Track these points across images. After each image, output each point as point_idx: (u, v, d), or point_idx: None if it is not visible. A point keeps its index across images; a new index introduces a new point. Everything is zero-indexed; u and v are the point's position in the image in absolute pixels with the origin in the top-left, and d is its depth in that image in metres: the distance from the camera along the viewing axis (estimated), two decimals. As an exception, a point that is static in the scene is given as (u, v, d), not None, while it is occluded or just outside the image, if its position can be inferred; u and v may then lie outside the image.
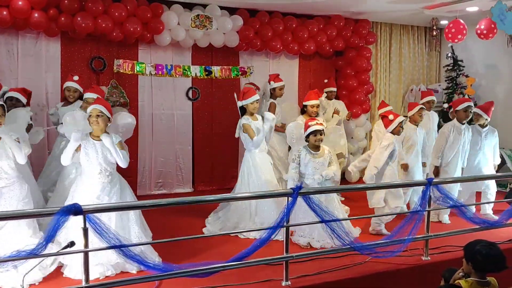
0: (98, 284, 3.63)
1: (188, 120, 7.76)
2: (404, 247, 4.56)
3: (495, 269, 3.25)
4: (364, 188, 5.78)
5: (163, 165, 7.61)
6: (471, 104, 6.13)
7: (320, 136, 5.12)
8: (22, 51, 6.62)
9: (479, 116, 6.25)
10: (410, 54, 9.66)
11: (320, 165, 5.14)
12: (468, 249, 3.34)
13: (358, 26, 8.49)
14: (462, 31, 7.20)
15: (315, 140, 5.12)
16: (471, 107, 6.12)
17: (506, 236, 5.36)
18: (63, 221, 3.21)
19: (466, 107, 6.06)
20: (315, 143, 5.13)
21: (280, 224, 3.95)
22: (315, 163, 5.12)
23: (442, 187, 4.82)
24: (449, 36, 7.31)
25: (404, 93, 9.65)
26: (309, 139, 5.17)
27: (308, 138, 5.17)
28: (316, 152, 5.16)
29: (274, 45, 7.81)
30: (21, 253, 3.15)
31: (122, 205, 4.04)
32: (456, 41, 7.33)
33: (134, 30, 6.60)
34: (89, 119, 4.28)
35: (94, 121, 4.24)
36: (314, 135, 5.11)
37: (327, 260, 4.56)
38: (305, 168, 5.15)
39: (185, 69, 7.61)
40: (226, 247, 5.02)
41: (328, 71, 8.92)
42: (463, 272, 3.35)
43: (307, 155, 5.14)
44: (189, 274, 3.72)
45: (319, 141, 5.13)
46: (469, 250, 3.32)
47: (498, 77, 8.84)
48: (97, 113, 4.24)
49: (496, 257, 3.23)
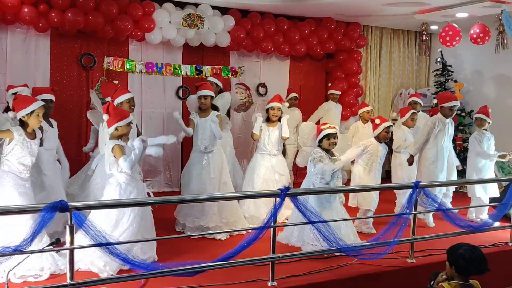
0: (83, 282, 3.60)
1: (178, 119, 7.72)
2: (390, 250, 4.59)
3: (478, 272, 3.28)
4: (352, 190, 5.80)
5: (151, 164, 7.58)
6: (457, 103, 6.12)
7: (334, 140, 5.02)
8: (11, 46, 6.57)
9: (483, 121, 6.31)
10: (400, 58, 9.74)
11: (337, 171, 5.08)
12: (451, 252, 3.37)
13: (349, 29, 8.53)
14: (457, 36, 7.25)
15: (329, 144, 5.02)
16: (457, 105, 6.13)
17: (491, 240, 5.41)
18: (49, 218, 3.19)
19: (452, 106, 6.04)
20: (329, 147, 5.03)
21: (267, 225, 3.96)
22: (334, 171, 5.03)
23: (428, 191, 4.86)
24: (443, 40, 7.35)
25: (393, 96, 9.73)
26: (322, 143, 5.05)
27: (321, 142, 5.06)
28: (333, 156, 5.10)
29: (265, 46, 7.82)
30: (5, 249, 3.12)
31: (108, 203, 4.02)
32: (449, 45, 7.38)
33: (125, 27, 6.58)
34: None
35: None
36: (328, 139, 5.01)
37: (314, 261, 4.56)
38: (323, 173, 5.01)
39: (175, 68, 7.60)
40: (213, 247, 5.02)
41: (319, 73, 8.97)
42: (446, 275, 3.38)
43: (327, 158, 5.01)
44: (175, 273, 3.71)
45: (333, 144, 5.04)
46: (452, 254, 3.35)
47: (486, 82, 8.94)
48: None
49: (479, 260, 3.27)
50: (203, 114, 5.61)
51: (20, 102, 4.17)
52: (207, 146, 5.58)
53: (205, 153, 5.58)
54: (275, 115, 6.01)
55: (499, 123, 8.10)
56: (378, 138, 5.58)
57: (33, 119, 4.15)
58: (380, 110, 9.57)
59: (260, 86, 8.40)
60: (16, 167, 4.12)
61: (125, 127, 4.37)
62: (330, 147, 5.05)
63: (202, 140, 5.58)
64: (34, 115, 4.14)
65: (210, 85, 5.78)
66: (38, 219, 3.16)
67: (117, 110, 4.45)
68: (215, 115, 5.58)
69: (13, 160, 4.10)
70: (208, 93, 5.57)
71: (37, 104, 4.18)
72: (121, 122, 4.32)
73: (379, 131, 5.54)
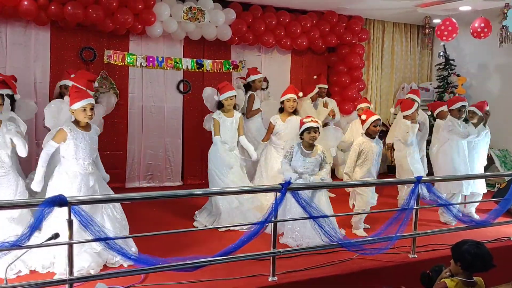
0: (82, 277, 3.60)
1: (179, 113, 7.71)
2: (392, 245, 4.56)
3: (483, 268, 3.26)
4: (353, 185, 5.76)
5: (152, 158, 7.56)
6: (465, 103, 6.14)
7: (315, 134, 4.99)
8: (11, 40, 6.53)
9: (474, 114, 6.24)
10: (402, 52, 9.68)
11: (310, 164, 5.03)
12: (456, 249, 3.34)
13: (351, 22, 8.47)
14: (454, 30, 7.21)
15: (310, 138, 4.99)
16: (465, 106, 6.13)
17: (493, 235, 5.39)
18: (48, 213, 3.17)
19: (460, 107, 6.06)
20: (309, 141, 5.01)
21: (268, 220, 3.93)
22: (306, 162, 5.02)
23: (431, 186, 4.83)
24: (439, 34, 7.32)
25: (395, 91, 9.68)
26: (303, 137, 5.05)
27: (303, 135, 5.06)
28: (309, 151, 5.05)
29: (266, 40, 7.77)
30: (3, 244, 3.10)
31: (108, 197, 3.99)
32: (446, 40, 7.35)
33: (125, 21, 6.53)
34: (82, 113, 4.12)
35: (89, 116, 4.16)
36: (308, 132, 4.98)
37: (314, 256, 4.54)
38: (294, 162, 5.06)
39: (176, 62, 7.56)
40: (213, 242, 5.00)
41: (321, 67, 8.92)
42: (450, 272, 3.35)
43: (298, 152, 5.05)
44: (176, 268, 3.69)
45: (313, 139, 5.01)
46: (458, 250, 3.32)
47: (489, 77, 8.88)
48: (91, 107, 4.16)
49: (484, 256, 3.24)
50: (228, 114, 5.62)
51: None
52: (231, 147, 5.61)
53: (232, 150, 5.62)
54: (291, 107, 5.92)
55: (503, 117, 8.08)
56: (368, 134, 5.45)
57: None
58: (382, 104, 9.53)
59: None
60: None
61: (79, 111, 4.10)
62: (310, 141, 5.02)
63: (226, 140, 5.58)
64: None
65: (232, 85, 5.82)
66: (37, 213, 3.14)
67: (76, 91, 4.22)
68: (238, 117, 5.67)
69: None
70: (234, 93, 5.62)
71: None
72: (74, 105, 4.10)
73: (367, 127, 5.41)
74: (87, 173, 4.16)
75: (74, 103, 4.09)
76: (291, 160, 5.08)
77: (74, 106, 4.09)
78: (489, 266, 3.25)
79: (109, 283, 3.63)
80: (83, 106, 4.09)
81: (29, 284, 3.41)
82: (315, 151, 5.08)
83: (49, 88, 6.66)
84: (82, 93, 4.18)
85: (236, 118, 5.65)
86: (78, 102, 4.08)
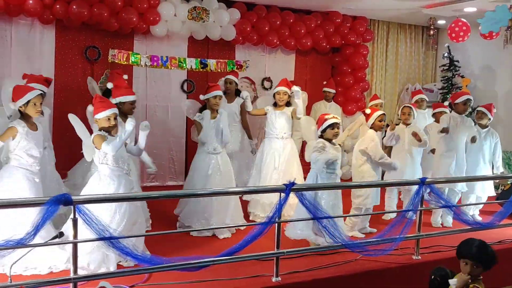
0: (86, 276, 3.60)
1: (182, 112, 7.66)
2: (395, 246, 4.55)
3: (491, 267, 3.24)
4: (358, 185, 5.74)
5: (156, 157, 7.51)
6: (470, 97, 6.12)
7: (338, 130, 4.95)
8: (16, 38, 6.55)
9: (483, 114, 6.22)
10: (407, 53, 9.67)
11: (339, 160, 5.00)
12: (481, 253, 3.20)
13: (356, 23, 8.46)
14: (466, 31, 7.17)
15: (333, 134, 4.91)
16: (470, 100, 6.10)
17: (497, 237, 5.37)
18: (53, 211, 3.17)
19: (465, 100, 6.04)
20: (332, 137, 4.94)
21: (271, 220, 3.93)
22: (337, 160, 4.94)
23: (435, 187, 4.82)
24: (451, 34, 7.26)
25: (399, 91, 9.67)
26: (325, 133, 4.94)
27: (325, 132, 4.95)
28: (335, 146, 5.01)
29: (270, 40, 7.77)
30: (8, 243, 3.11)
31: (113, 197, 3.99)
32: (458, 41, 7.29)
33: (129, 20, 6.54)
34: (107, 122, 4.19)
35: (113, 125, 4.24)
36: (332, 128, 4.90)
37: (318, 257, 4.54)
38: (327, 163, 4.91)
39: (180, 61, 7.56)
40: (217, 242, 5.01)
41: (325, 67, 8.91)
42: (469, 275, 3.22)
43: (329, 147, 4.91)
44: (179, 267, 3.69)
45: (336, 134, 4.95)
46: (484, 255, 3.20)
47: (493, 78, 8.85)
48: (115, 116, 4.27)
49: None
50: (212, 115, 5.44)
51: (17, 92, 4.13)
52: (216, 148, 5.44)
53: (214, 154, 5.44)
54: (280, 100, 5.95)
55: (507, 119, 8.06)
56: (373, 128, 5.41)
57: (30, 109, 4.12)
58: (386, 105, 9.50)
59: (265, 80, 8.35)
60: (25, 160, 4.11)
61: (104, 120, 4.20)
62: (333, 137, 4.97)
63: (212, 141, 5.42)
64: (30, 105, 4.12)
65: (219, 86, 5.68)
66: (42, 212, 3.14)
67: (101, 101, 4.29)
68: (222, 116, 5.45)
69: (21, 153, 4.09)
70: (221, 93, 5.50)
71: (34, 93, 4.13)
72: (99, 115, 4.19)
73: (372, 121, 5.38)
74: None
75: (99, 112, 4.19)
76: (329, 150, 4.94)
77: (99, 115, 4.19)
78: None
79: (113, 282, 3.63)
80: (107, 115, 4.19)
81: (34, 283, 3.42)
82: (336, 147, 5.03)
83: (54, 87, 6.67)
84: (106, 103, 4.28)
85: (219, 118, 5.40)
86: (103, 112, 4.18)
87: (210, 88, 5.47)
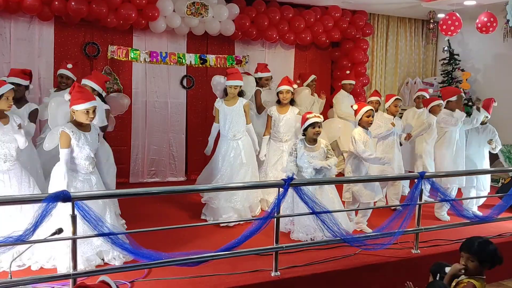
0: (85, 272, 3.62)
1: (182, 108, 7.71)
2: (395, 240, 4.56)
3: (495, 266, 3.25)
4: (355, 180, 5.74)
5: (156, 153, 7.58)
6: (462, 94, 6.17)
7: (319, 129, 5.01)
8: (15, 35, 6.55)
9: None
10: (407, 47, 9.64)
11: (314, 158, 5.02)
12: (482, 250, 3.20)
13: (355, 17, 8.44)
14: (457, 25, 7.15)
15: (314, 133, 5.00)
16: (463, 96, 6.16)
17: (496, 231, 5.38)
18: (51, 208, 3.19)
19: (458, 97, 6.06)
20: (313, 136, 5.02)
21: (270, 215, 3.94)
22: (310, 156, 5.01)
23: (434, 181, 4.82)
24: (444, 29, 7.26)
25: (399, 86, 9.65)
26: (307, 132, 5.05)
27: (307, 130, 5.05)
28: (312, 145, 5.07)
29: (270, 35, 7.76)
30: (8, 239, 3.12)
31: (112, 193, 4.01)
32: (451, 35, 7.28)
33: (128, 16, 6.53)
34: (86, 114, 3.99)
35: (91, 118, 4.05)
36: (313, 127, 4.99)
37: (317, 251, 4.56)
38: (300, 161, 5.04)
39: (179, 57, 7.56)
40: (216, 237, 5.02)
41: (324, 62, 8.90)
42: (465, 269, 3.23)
43: (302, 148, 5.06)
44: (179, 263, 3.71)
45: (317, 134, 5.02)
46: (483, 251, 3.20)
47: (493, 72, 8.83)
48: (94, 109, 4.05)
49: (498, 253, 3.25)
50: (230, 102, 5.55)
51: None
52: (236, 134, 5.55)
53: (234, 140, 5.55)
54: (284, 98, 5.96)
55: (507, 112, 8.04)
56: (361, 125, 5.35)
57: (2, 103, 4.05)
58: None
59: (265, 75, 8.33)
60: None
61: (82, 113, 3.95)
62: (314, 136, 5.03)
63: (230, 127, 5.54)
64: (3, 99, 4.05)
65: (241, 75, 5.71)
66: (40, 209, 3.15)
67: (80, 91, 4.02)
68: (243, 104, 5.57)
69: None
70: (240, 83, 5.55)
71: (6, 87, 4.06)
72: (77, 106, 3.93)
73: (360, 117, 5.30)
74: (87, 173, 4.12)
75: (78, 104, 3.95)
76: (296, 156, 5.07)
77: (77, 107, 3.96)
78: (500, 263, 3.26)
79: (113, 277, 3.63)
80: (86, 108, 3.96)
81: (33, 279, 3.44)
82: (318, 145, 5.09)
83: (53, 84, 6.68)
84: (86, 94, 4.04)
85: (239, 106, 5.53)
86: (82, 104, 3.95)
87: (230, 75, 5.52)
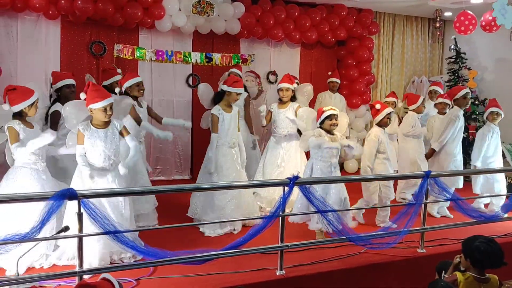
0: (92, 269, 3.64)
1: (188, 107, 7.73)
2: (400, 239, 4.56)
3: (492, 266, 3.22)
4: (361, 179, 5.74)
5: (161, 151, 7.60)
6: (469, 90, 6.22)
7: (336, 121, 5.00)
8: (22, 34, 6.58)
9: (498, 115, 6.17)
10: (413, 46, 9.60)
11: (335, 150, 4.99)
12: (467, 244, 3.30)
13: (361, 15, 8.41)
14: (472, 23, 7.09)
15: (331, 125, 4.98)
16: (469, 93, 6.20)
17: (503, 230, 5.35)
18: (58, 206, 3.21)
19: (465, 94, 6.08)
20: (330, 128, 5.00)
21: (276, 214, 3.95)
22: (331, 148, 4.96)
23: (439, 180, 4.80)
24: (458, 28, 7.18)
25: (405, 84, 9.61)
26: (323, 125, 5.02)
27: (323, 123, 5.02)
28: (333, 136, 5.05)
29: (275, 33, 7.75)
30: (15, 237, 3.15)
31: (118, 191, 4.02)
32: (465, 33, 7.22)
33: (134, 14, 6.54)
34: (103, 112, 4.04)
35: (109, 115, 4.09)
36: (330, 119, 4.98)
37: (322, 250, 4.55)
38: (321, 151, 4.98)
39: (185, 56, 7.57)
40: (221, 235, 5.03)
41: (330, 60, 8.88)
42: (462, 266, 3.30)
43: (326, 137, 4.97)
44: (184, 261, 3.72)
45: (334, 125, 5.01)
46: (468, 246, 3.27)
47: (500, 70, 8.77)
48: (111, 106, 4.09)
49: (494, 254, 3.20)
50: (228, 109, 5.42)
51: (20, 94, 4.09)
52: (234, 141, 5.46)
53: (233, 148, 5.47)
54: (284, 96, 6.00)
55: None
56: (380, 124, 5.47)
57: (33, 110, 4.14)
58: (392, 98, 9.46)
59: (271, 74, 8.34)
60: (28, 159, 4.07)
61: (100, 111, 4.02)
62: (331, 128, 5.02)
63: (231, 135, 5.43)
64: (34, 106, 4.14)
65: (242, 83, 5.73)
66: (47, 207, 3.17)
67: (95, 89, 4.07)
68: (236, 111, 5.50)
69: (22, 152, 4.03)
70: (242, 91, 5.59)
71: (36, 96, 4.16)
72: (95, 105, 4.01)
73: (381, 117, 5.43)
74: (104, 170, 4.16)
75: (95, 102, 4.00)
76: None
77: (95, 105, 4.00)
78: (499, 264, 3.22)
79: (118, 275, 3.66)
80: (104, 106, 4.01)
81: (40, 276, 3.46)
82: (335, 137, 5.06)
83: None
84: (101, 92, 4.08)
85: (234, 112, 5.45)
86: (99, 102, 3.99)
87: (235, 83, 5.41)
